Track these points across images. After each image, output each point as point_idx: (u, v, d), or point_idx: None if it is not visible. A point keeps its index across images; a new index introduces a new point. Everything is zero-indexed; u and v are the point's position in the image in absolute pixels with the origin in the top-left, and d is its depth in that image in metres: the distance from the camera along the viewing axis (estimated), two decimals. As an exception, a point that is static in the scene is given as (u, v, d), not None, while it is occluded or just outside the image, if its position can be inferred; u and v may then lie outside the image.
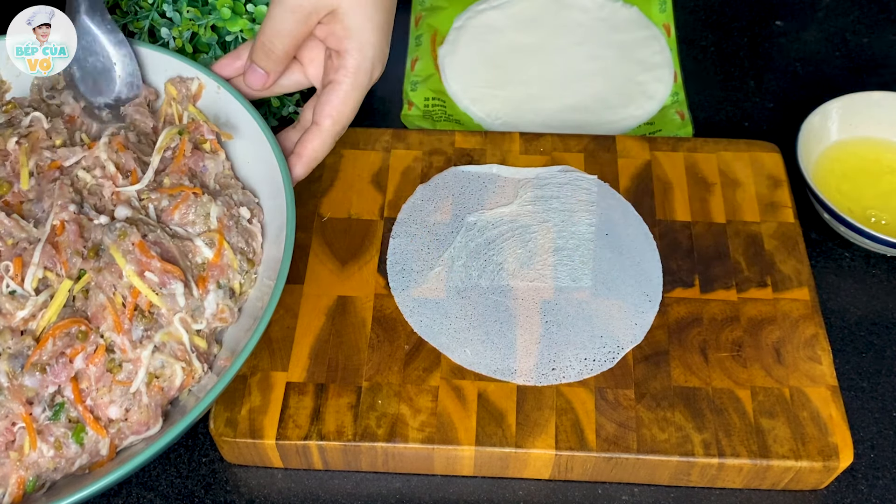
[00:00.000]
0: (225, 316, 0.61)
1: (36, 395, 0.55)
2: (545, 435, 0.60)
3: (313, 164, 0.67)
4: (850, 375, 0.68)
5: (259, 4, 0.75)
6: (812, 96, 0.81)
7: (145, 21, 0.77)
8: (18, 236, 0.59)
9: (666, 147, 0.75)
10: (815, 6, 0.96)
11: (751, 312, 0.66)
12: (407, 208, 0.71)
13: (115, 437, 0.56)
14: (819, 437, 0.60)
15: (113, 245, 0.58)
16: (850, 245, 0.75)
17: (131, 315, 0.57)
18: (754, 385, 0.62)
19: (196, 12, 0.75)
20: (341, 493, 0.62)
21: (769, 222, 0.71)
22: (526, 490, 0.62)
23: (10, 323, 0.56)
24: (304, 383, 0.62)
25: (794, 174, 0.75)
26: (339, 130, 0.67)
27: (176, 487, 0.62)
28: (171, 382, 0.58)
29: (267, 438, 0.60)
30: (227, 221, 0.63)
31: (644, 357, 0.64)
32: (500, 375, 0.62)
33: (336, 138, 0.67)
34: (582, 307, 0.65)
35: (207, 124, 0.68)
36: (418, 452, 0.60)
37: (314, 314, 0.65)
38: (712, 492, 0.62)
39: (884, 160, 0.78)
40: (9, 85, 0.72)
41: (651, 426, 0.60)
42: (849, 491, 0.62)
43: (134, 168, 0.64)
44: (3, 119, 0.66)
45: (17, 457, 0.54)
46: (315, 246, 0.69)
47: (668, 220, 0.71)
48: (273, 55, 0.65)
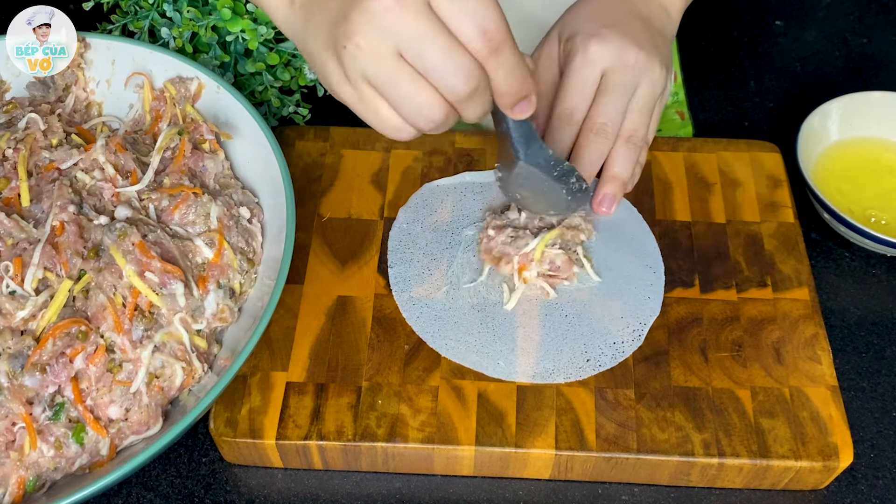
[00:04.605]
0: (225, 316, 0.61)
1: (36, 395, 0.55)
2: (545, 435, 0.60)
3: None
4: (850, 375, 0.68)
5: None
6: (812, 96, 0.81)
7: (145, 21, 0.77)
8: (18, 237, 0.59)
9: (666, 147, 0.75)
10: (815, 6, 0.96)
11: (751, 312, 0.66)
12: (395, 234, 0.70)
13: (116, 437, 0.57)
14: (819, 437, 0.60)
15: (113, 245, 0.58)
16: (850, 245, 0.75)
17: (131, 315, 0.57)
18: (754, 385, 0.62)
19: (196, 12, 0.74)
20: (341, 493, 0.62)
21: (769, 222, 0.71)
22: (526, 490, 0.62)
23: (10, 323, 0.56)
24: (304, 383, 0.62)
25: (794, 174, 0.75)
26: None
27: (176, 487, 0.62)
28: (171, 382, 0.58)
29: (267, 438, 0.60)
30: (227, 221, 0.63)
31: (644, 357, 0.64)
32: (500, 375, 0.62)
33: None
34: (582, 307, 0.65)
35: (206, 124, 0.68)
36: (418, 452, 0.60)
37: (314, 314, 0.65)
38: (712, 492, 0.62)
39: (883, 160, 0.78)
40: (8, 85, 0.72)
41: (651, 426, 0.60)
42: (849, 491, 0.62)
43: (134, 168, 0.64)
44: (4, 119, 0.66)
45: (18, 457, 0.54)
46: (315, 246, 0.69)
47: (668, 220, 0.71)
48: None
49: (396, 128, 0.51)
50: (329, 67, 0.51)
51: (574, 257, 0.66)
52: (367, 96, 0.50)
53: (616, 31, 0.65)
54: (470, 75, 0.49)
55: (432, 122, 0.50)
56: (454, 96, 0.49)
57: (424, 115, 0.50)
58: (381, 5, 0.47)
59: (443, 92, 0.49)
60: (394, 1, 0.47)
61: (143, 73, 0.71)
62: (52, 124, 0.65)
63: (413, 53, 0.48)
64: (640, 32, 0.66)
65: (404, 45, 0.48)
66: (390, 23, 0.47)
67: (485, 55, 0.48)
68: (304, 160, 0.74)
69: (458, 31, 0.48)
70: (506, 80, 0.50)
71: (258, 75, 0.78)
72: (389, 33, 0.47)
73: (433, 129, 0.51)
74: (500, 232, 0.66)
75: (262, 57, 0.76)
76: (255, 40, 0.74)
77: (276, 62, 0.76)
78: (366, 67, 0.49)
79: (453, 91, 0.49)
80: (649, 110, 0.66)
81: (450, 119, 0.51)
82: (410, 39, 0.47)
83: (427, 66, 0.48)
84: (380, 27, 0.47)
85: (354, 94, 0.51)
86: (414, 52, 0.48)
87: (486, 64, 0.49)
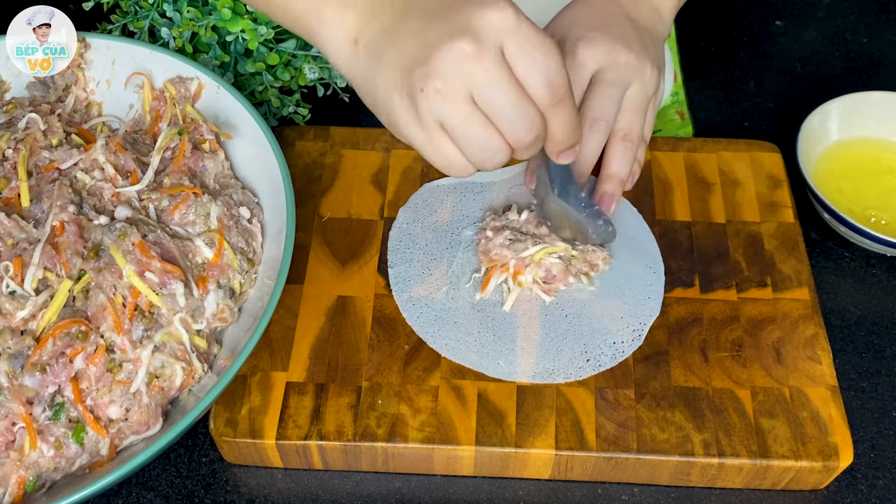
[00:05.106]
0: (225, 316, 0.61)
1: (36, 395, 0.55)
2: (545, 435, 0.60)
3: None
4: (850, 375, 0.68)
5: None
6: (812, 96, 0.81)
7: (145, 21, 0.77)
8: (18, 237, 0.59)
9: (666, 147, 0.75)
10: (815, 6, 0.96)
11: (751, 312, 0.66)
12: (395, 234, 0.70)
13: (115, 437, 0.57)
14: (819, 437, 0.60)
15: (113, 245, 0.58)
16: (850, 245, 0.75)
17: (131, 315, 0.57)
18: (754, 385, 0.62)
19: (196, 12, 0.74)
20: (341, 493, 0.62)
21: (769, 222, 0.71)
22: (526, 490, 0.62)
23: (10, 323, 0.56)
24: (304, 383, 0.62)
25: (794, 174, 0.75)
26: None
27: (176, 487, 0.62)
28: (171, 382, 0.58)
29: (267, 438, 0.60)
30: (227, 221, 0.63)
31: (644, 357, 0.64)
32: (500, 375, 0.62)
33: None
34: (582, 307, 0.65)
35: (207, 124, 0.68)
36: (418, 452, 0.60)
37: (314, 314, 0.65)
38: (712, 492, 0.62)
39: (883, 160, 0.78)
40: (8, 85, 0.72)
41: (651, 426, 0.60)
42: (849, 491, 0.62)
43: (134, 168, 0.64)
44: (4, 119, 0.66)
45: (18, 457, 0.54)
46: (315, 246, 0.69)
47: (668, 220, 0.71)
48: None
49: (461, 167, 0.53)
50: (399, 108, 0.52)
51: (573, 270, 0.66)
52: (436, 138, 0.52)
53: (604, 34, 0.66)
54: (534, 124, 0.51)
55: (497, 164, 0.53)
56: (517, 142, 0.52)
57: (489, 157, 0.52)
58: (463, 52, 0.48)
59: (507, 137, 0.51)
60: (475, 47, 0.48)
61: (143, 73, 0.71)
62: (52, 124, 0.65)
63: (486, 99, 0.50)
64: (628, 34, 0.67)
65: (478, 90, 0.49)
66: (469, 68, 0.49)
67: (547, 105, 0.51)
68: (304, 160, 0.74)
69: (526, 81, 0.50)
70: (561, 130, 0.53)
71: (258, 75, 0.78)
72: (467, 78, 0.49)
73: (493, 166, 0.53)
74: (499, 233, 0.66)
75: (262, 57, 0.76)
76: (255, 40, 0.74)
77: (276, 62, 0.76)
78: (441, 110, 0.50)
79: (518, 138, 0.51)
80: (643, 108, 0.67)
81: (508, 159, 0.53)
82: (485, 86, 0.49)
83: (497, 113, 0.50)
84: (459, 72, 0.49)
85: (424, 136, 0.52)
86: (487, 98, 0.50)
87: (548, 113, 0.52)
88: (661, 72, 0.69)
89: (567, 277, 0.65)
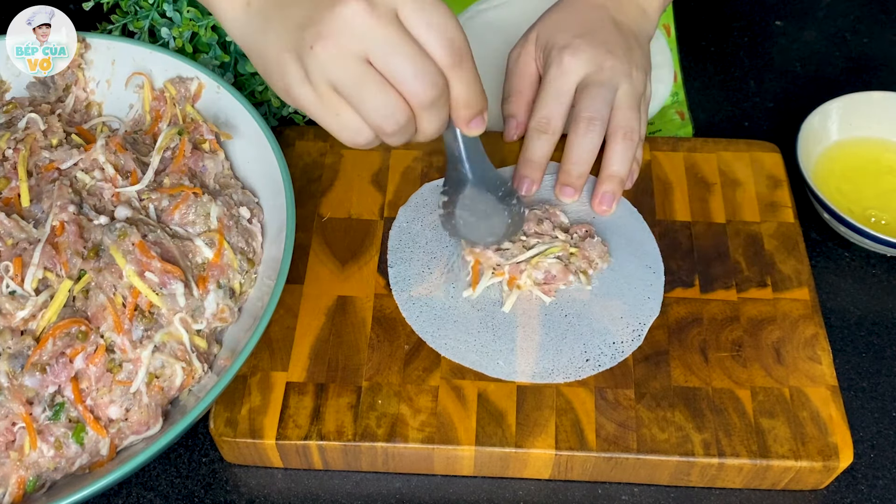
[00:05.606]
0: (225, 316, 0.61)
1: (36, 395, 0.55)
2: (545, 435, 0.60)
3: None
4: (850, 375, 0.68)
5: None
6: (812, 96, 0.81)
7: (145, 21, 0.77)
8: (18, 237, 0.59)
9: (666, 147, 0.75)
10: (815, 6, 0.96)
11: (751, 312, 0.66)
12: (395, 234, 0.70)
13: (116, 437, 0.57)
14: (819, 437, 0.60)
15: (113, 245, 0.58)
16: (850, 245, 0.75)
17: (131, 315, 0.57)
18: (754, 385, 0.62)
19: (196, 12, 0.75)
20: (341, 493, 0.62)
21: (769, 222, 0.71)
22: (526, 490, 0.62)
23: (10, 323, 0.56)
24: (304, 383, 0.62)
25: (794, 174, 0.75)
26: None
27: (176, 487, 0.62)
28: (171, 382, 0.58)
29: (267, 438, 0.60)
30: (227, 221, 0.63)
31: (644, 357, 0.64)
32: (500, 375, 0.62)
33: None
34: (582, 307, 0.65)
35: (207, 124, 0.68)
36: (418, 452, 0.60)
37: (314, 314, 0.65)
38: (712, 492, 0.62)
39: (883, 160, 0.78)
40: (8, 85, 0.72)
41: (651, 426, 0.60)
42: (849, 491, 0.62)
43: (134, 168, 0.64)
44: (4, 119, 0.66)
45: (18, 457, 0.54)
46: (315, 246, 0.69)
47: (668, 220, 0.71)
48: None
49: (355, 130, 0.52)
50: (289, 69, 0.51)
51: (573, 268, 0.66)
52: (327, 98, 0.51)
53: (589, 40, 0.67)
54: (434, 82, 0.50)
55: (396, 125, 0.51)
56: (417, 101, 0.50)
57: (387, 118, 0.51)
58: (354, 10, 0.48)
59: (407, 96, 0.50)
60: (366, 7, 0.48)
61: (143, 73, 0.71)
62: (52, 124, 0.65)
63: (381, 58, 0.49)
64: (612, 40, 0.67)
65: (372, 49, 0.49)
66: (361, 27, 0.48)
67: (448, 64, 0.50)
68: (304, 160, 0.74)
69: (425, 41, 0.49)
70: (466, 91, 0.52)
71: (258, 75, 0.78)
72: (359, 37, 0.48)
73: (394, 131, 0.51)
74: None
75: (262, 57, 0.76)
76: (255, 40, 0.74)
77: (276, 62, 0.76)
78: (332, 69, 0.49)
79: (417, 95, 0.50)
80: (636, 106, 0.67)
81: (409, 126, 0.52)
82: (379, 44, 0.48)
83: (393, 71, 0.49)
84: (350, 31, 0.48)
85: (314, 96, 0.51)
86: (381, 57, 0.49)
87: (449, 73, 0.51)
88: (646, 74, 0.69)
89: (567, 276, 0.65)
